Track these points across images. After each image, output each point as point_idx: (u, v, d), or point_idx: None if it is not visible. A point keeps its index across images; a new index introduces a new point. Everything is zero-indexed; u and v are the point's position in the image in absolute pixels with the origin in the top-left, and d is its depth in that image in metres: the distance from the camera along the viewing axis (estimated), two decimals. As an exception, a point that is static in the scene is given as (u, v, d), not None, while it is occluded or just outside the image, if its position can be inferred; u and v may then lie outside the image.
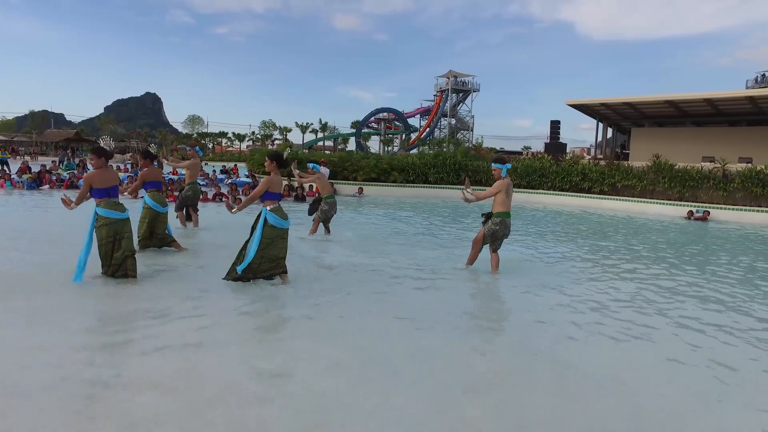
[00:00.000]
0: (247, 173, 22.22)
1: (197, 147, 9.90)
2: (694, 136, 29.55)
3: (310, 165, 9.21)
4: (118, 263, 5.29)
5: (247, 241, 5.48)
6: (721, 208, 15.45)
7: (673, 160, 17.58)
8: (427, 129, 66.37)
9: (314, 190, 16.96)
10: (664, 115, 30.76)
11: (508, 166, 6.45)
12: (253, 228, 5.47)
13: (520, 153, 49.13)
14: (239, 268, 5.41)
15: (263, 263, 5.42)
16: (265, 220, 5.36)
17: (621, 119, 33.51)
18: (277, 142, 65.83)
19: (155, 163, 7.57)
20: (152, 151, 7.58)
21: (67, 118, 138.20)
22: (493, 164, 6.49)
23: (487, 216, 6.60)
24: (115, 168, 22.77)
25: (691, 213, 15.25)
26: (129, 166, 25.00)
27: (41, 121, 77.54)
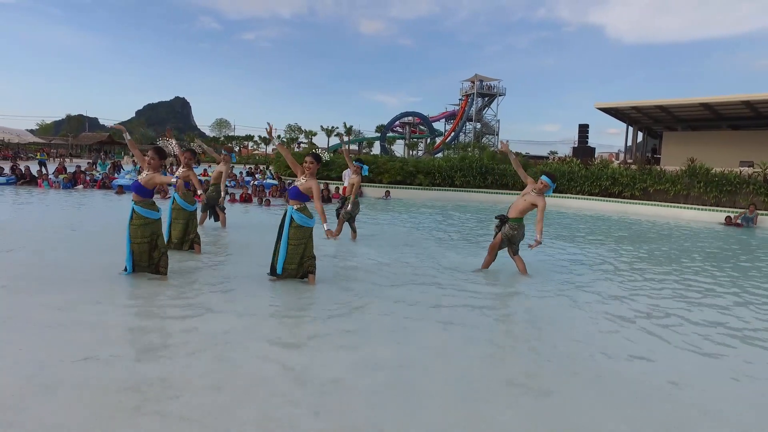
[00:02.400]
0: (272, 175, 22.45)
1: (233, 153, 10.05)
2: (731, 140, 28.53)
3: (357, 163, 8.63)
4: (155, 262, 5.34)
5: (277, 241, 5.48)
6: (763, 214, 14.78)
7: (708, 165, 16.97)
8: (452, 133, 66.04)
9: (341, 192, 17.00)
10: (698, 118, 29.82)
11: (554, 186, 6.19)
12: (281, 228, 5.46)
13: (546, 158, 48.33)
14: (278, 268, 5.42)
15: (305, 261, 5.45)
16: (292, 219, 5.34)
17: (652, 123, 32.66)
18: (302, 145, 66.48)
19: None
20: (198, 151, 7.40)
21: (101, 121, 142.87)
22: (544, 177, 6.10)
23: (502, 220, 6.41)
24: (139, 170, 22.95)
25: (729, 219, 14.68)
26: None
27: (77, 124, 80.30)
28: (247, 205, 13.95)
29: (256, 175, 23.22)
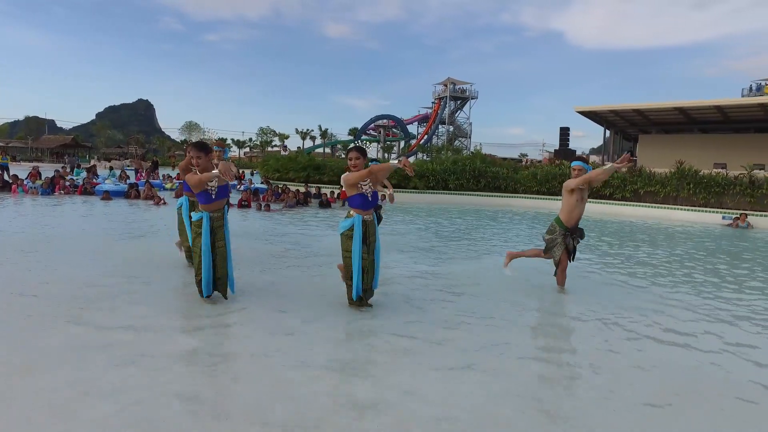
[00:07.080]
0: (261, 179, 21.89)
1: (226, 148, 8.97)
2: (702, 143, 29.70)
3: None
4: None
5: (348, 258, 4.51)
6: (755, 215, 15.19)
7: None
8: (425, 136, 66.40)
9: (336, 196, 16.61)
10: (671, 122, 30.92)
11: (589, 167, 5.89)
12: (364, 241, 4.47)
13: (519, 161, 49.00)
14: (356, 294, 4.55)
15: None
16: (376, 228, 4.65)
17: (628, 126, 33.65)
18: (276, 148, 65.39)
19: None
20: (209, 144, 6.05)
21: (58, 124, 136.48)
22: (576, 163, 5.74)
23: (571, 234, 5.76)
24: (119, 174, 21.53)
25: (737, 221, 14.92)
26: (134, 172, 24.55)
27: (36, 126, 76.65)
28: (246, 210, 13.40)
29: (242, 180, 22.57)
